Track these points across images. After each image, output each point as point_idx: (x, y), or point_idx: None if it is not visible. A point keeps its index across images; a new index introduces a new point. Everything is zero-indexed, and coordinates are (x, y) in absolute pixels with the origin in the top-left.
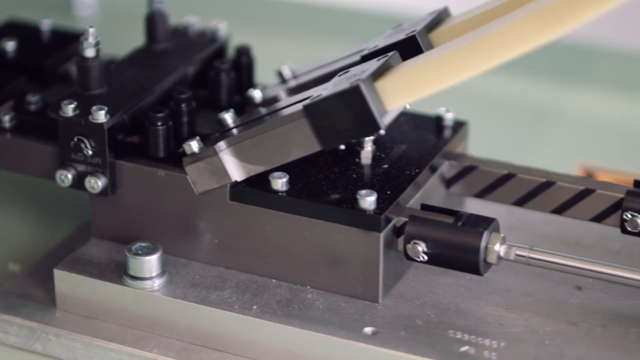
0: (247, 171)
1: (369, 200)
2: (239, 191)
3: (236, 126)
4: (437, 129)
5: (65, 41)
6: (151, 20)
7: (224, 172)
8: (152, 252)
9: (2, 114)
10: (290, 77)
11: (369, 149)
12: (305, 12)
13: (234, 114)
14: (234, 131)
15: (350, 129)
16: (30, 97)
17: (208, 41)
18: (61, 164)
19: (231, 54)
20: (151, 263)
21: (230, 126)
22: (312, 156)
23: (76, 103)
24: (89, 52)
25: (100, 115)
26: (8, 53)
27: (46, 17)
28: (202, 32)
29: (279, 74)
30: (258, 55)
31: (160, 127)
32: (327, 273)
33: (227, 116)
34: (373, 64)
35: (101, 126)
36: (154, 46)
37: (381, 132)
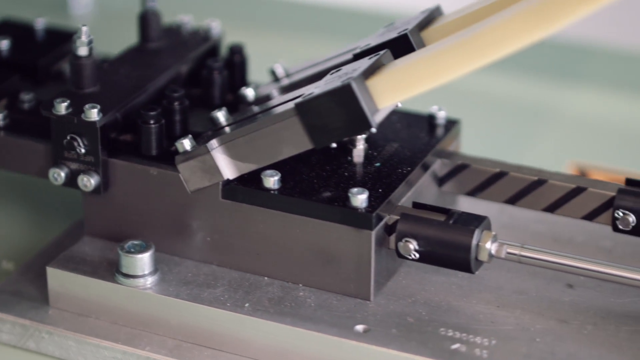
0: (239, 169)
1: (360, 198)
2: (231, 189)
3: (228, 124)
4: (430, 128)
5: (60, 40)
6: (144, 19)
7: (216, 170)
8: (144, 250)
9: None
10: (283, 76)
11: (361, 147)
12: (298, 10)
13: (226, 112)
14: (226, 129)
15: (341, 127)
16: (24, 96)
17: (201, 40)
18: (54, 162)
19: (224, 52)
20: (143, 261)
21: (222, 124)
22: (305, 154)
23: (69, 101)
24: (82, 51)
25: (92, 113)
26: (2, 52)
27: (42, 16)
28: (195, 31)
29: (272, 72)
30: (251, 53)
31: (153, 126)
32: (319, 271)
33: (220, 114)
34: (365, 63)
35: (94, 124)
36: (147, 45)
37: (372, 130)
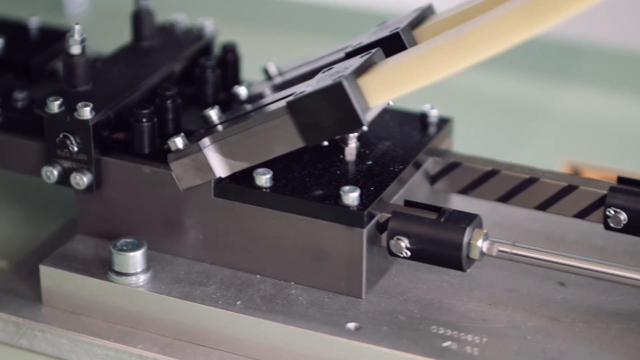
0: (231, 167)
1: (352, 197)
2: (223, 187)
3: (221, 123)
4: (422, 126)
5: (53, 38)
6: (137, 18)
7: (208, 168)
8: (136, 248)
9: None
10: (276, 74)
11: (353, 145)
12: (291, 9)
13: (219, 110)
14: (218, 128)
15: (333, 126)
16: (17, 94)
17: (194, 38)
18: (47, 160)
19: (217, 51)
20: (136, 259)
21: (215, 123)
22: (297, 152)
23: (62, 100)
24: (74, 49)
25: (85, 111)
26: None
27: (37, 15)
28: (189, 30)
29: (265, 71)
30: (244, 52)
31: (145, 124)
32: (311, 269)
33: (212, 113)
34: (356, 61)
35: (86, 123)
36: (140, 43)
37: (364, 129)
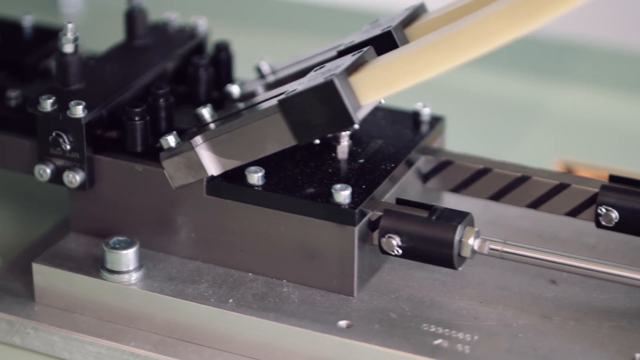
0: (223, 166)
1: (343, 195)
2: (215, 185)
3: (213, 121)
4: (414, 124)
5: (47, 37)
6: (130, 17)
7: (200, 166)
8: (129, 246)
9: None
10: (268, 73)
11: (345, 143)
12: (284, 8)
13: (211, 109)
14: (210, 126)
15: (324, 124)
16: (11, 93)
17: (187, 37)
18: (40, 158)
19: (210, 49)
20: (128, 257)
21: (207, 121)
22: (289, 151)
23: (54, 98)
24: (67, 48)
25: (78, 110)
26: None
27: (32, 14)
28: (182, 28)
29: (258, 69)
30: (237, 51)
31: (138, 122)
32: (303, 267)
33: (205, 111)
34: (348, 59)
35: (79, 121)
36: (133, 42)
37: (355, 127)
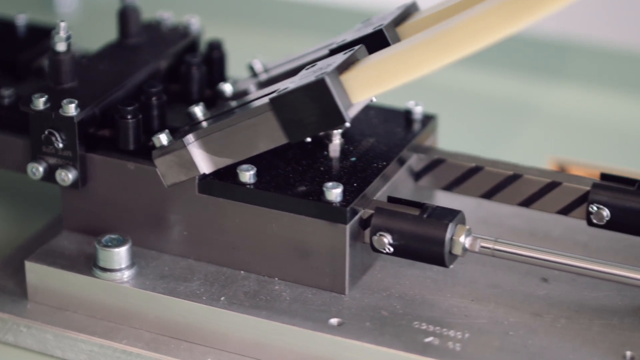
0: (215, 164)
1: (335, 193)
2: (207, 184)
3: (205, 119)
4: (406, 123)
5: (41, 36)
6: (124, 15)
7: (192, 164)
8: (121, 244)
9: None
10: (261, 71)
11: (337, 142)
12: (277, 7)
13: (203, 107)
14: (203, 124)
15: (316, 122)
16: (4, 91)
17: (180, 36)
18: (33, 157)
19: (203, 48)
20: (120, 255)
21: (199, 119)
22: (281, 149)
23: (47, 96)
24: (60, 46)
25: (70, 108)
26: None
27: (27, 13)
28: (175, 27)
29: (250, 68)
30: (230, 49)
31: (130, 120)
32: (295, 265)
33: (197, 109)
34: (339, 58)
35: (71, 119)
36: (126, 41)
37: (346, 125)
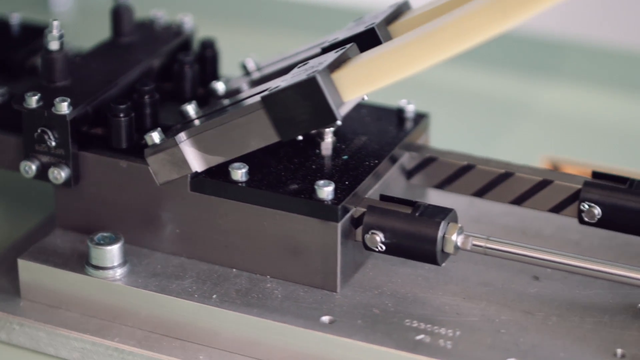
0: (207, 162)
1: (326, 191)
2: (199, 182)
3: (198, 117)
4: (399, 121)
5: (34, 35)
6: (117, 14)
7: (184, 162)
8: (113, 242)
9: None
10: (254, 70)
11: (329, 140)
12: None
13: (196, 105)
14: (195, 122)
15: (307, 120)
16: None
17: (173, 34)
18: (25, 155)
19: (196, 47)
20: (113, 253)
21: (192, 118)
22: (273, 147)
23: (40, 95)
24: (53, 45)
25: (63, 106)
26: None
27: (22, 12)
28: (168, 26)
29: (243, 66)
30: (223, 48)
31: (123, 119)
32: (286, 263)
33: (189, 108)
34: (331, 56)
35: (64, 117)
36: (119, 39)
37: (338, 123)
